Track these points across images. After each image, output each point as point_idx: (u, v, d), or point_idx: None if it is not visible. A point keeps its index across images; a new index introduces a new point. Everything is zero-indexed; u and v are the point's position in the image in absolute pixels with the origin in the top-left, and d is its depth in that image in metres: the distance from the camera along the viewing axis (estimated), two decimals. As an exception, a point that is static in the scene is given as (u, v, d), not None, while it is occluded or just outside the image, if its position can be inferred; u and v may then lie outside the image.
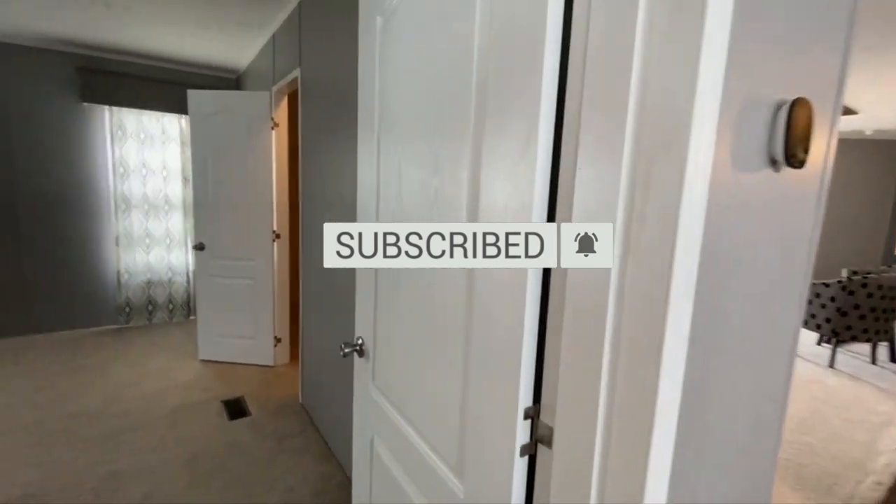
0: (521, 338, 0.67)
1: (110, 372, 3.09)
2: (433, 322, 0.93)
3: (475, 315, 0.78)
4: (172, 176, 4.08)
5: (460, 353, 0.82)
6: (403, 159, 1.03)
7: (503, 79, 0.70)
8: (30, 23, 3.04)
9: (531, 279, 0.66)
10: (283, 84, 2.85)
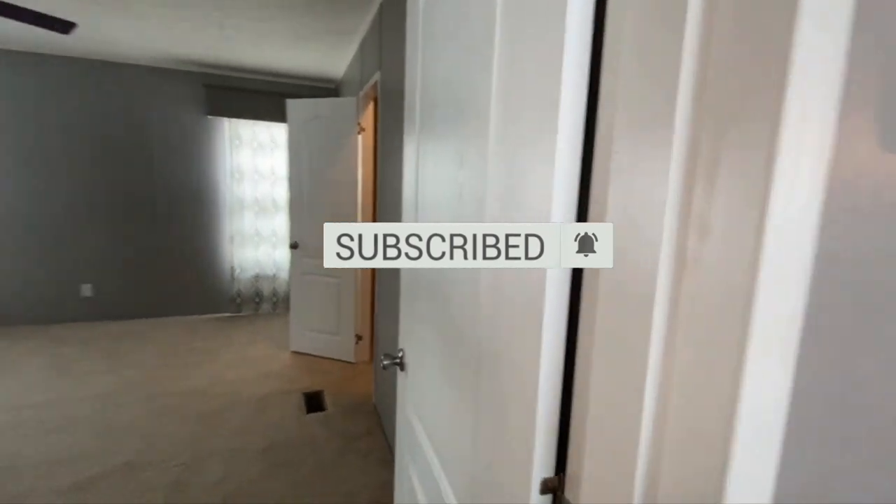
0: (536, 383, 0.50)
1: (218, 356, 3.45)
2: (452, 346, 0.79)
3: (485, 343, 0.63)
4: (279, 180, 4.46)
5: (470, 392, 0.67)
6: (434, 154, 0.91)
7: (522, 36, 0.53)
8: (165, 48, 3.53)
9: (553, 300, 0.49)
10: (367, 88, 2.92)
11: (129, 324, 4.10)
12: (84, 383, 2.90)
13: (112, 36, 3.24)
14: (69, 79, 3.81)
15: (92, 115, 3.91)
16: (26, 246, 3.89)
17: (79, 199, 3.97)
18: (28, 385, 2.85)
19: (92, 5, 2.65)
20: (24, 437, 2.27)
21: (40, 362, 3.18)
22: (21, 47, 3.61)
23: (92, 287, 4.10)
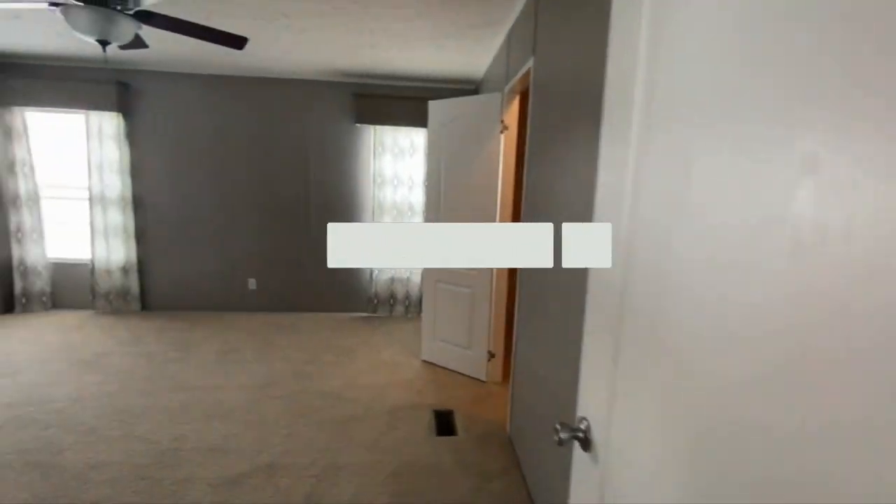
0: None
1: (354, 357, 3.51)
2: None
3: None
4: (416, 185, 4.46)
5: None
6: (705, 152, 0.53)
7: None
8: (321, 61, 3.72)
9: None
10: (515, 81, 2.62)
11: (283, 316, 4.48)
12: (243, 371, 3.15)
13: (276, 53, 3.52)
14: (241, 96, 4.31)
15: (259, 128, 4.36)
16: (206, 244, 4.50)
17: (247, 204, 4.46)
18: (202, 367, 3.20)
19: (260, 21, 2.85)
20: (191, 420, 2.49)
21: (213, 347, 3.59)
22: (204, 71, 4.18)
23: (256, 281, 4.58)
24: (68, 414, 2.51)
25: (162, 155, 4.36)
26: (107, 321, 4.17)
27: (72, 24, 1.99)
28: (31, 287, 4.35)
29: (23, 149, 4.18)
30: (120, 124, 4.20)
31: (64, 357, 3.30)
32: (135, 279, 4.45)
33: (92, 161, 4.22)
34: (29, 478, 1.97)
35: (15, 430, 2.33)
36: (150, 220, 4.44)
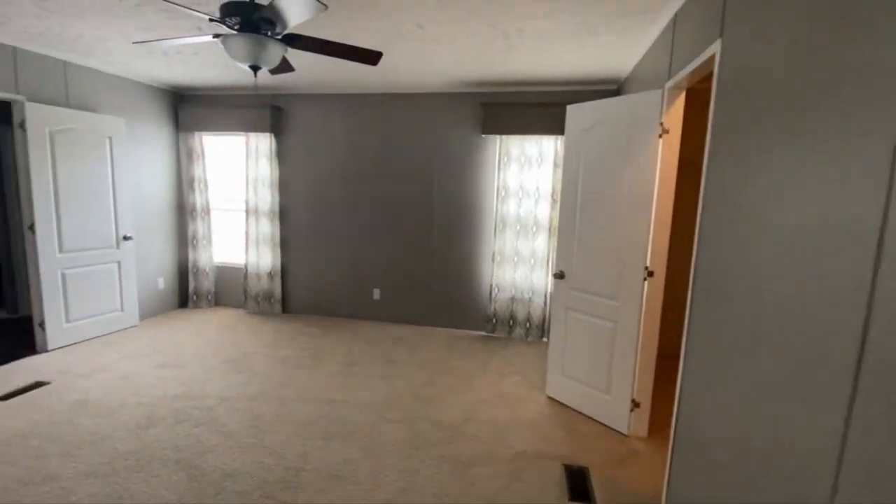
0: None
1: (473, 383, 3.28)
2: None
3: None
4: (542, 197, 4.10)
5: None
6: None
7: None
8: (450, 71, 3.60)
9: None
10: (684, 75, 2.12)
11: (403, 328, 4.48)
12: (364, 386, 3.14)
13: (406, 67, 3.49)
14: (371, 113, 4.43)
15: (387, 143, 4.44)
16: (339, 253, 4.72)
17: (375, 215, 4.57)
18: (328, 378, 3.27)
19: (394, 34, 2.80)
20: (314, 437, 2.49)
21: (338, 358, 3.68)
22: (340, 91, 4.38)
23: (380, 291, 4.67)
24: (215, 413, 2.71)
25: (303, 170, 4.70)
26: (254, 321, 4.61)
27: (229, 52, 2.10)
28: (201, 286, 5.04)
29: (200, 167, 4.87)
30: (272, 144, 4.64)
31: (219, 354, 3.67)
32: (278, 284, 4.86)
33: (249, 177, 4.72)
34: (177, 478, 2.11)
35: (174, 425, 2.57)
36: (292, 231, 4.82)
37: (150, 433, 2.47)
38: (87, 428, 2.50)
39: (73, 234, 3.72)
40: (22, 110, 3.30)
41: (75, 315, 3.78)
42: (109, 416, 2.65)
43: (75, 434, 2.44)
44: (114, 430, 2.49)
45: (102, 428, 2.51)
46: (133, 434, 2.46)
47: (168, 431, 2.49)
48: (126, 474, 2.12)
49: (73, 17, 2.67)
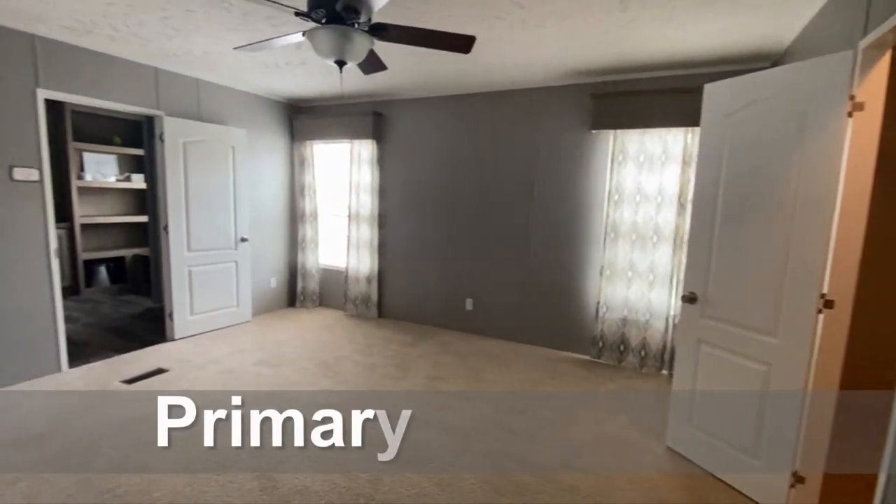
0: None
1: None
2: None
3: None
4: (667, 202, 3.45)
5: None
6: None
7: None
8: (555, 59, 3.19)
9: None
10: (888, 29, 1.48)
11: (496, 344, 4.14)
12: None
13: (504, 59, 3.17)
14: (467, 114, 4.19)
15: (483, 146, 4.16)
16: (433, 260, 4.57)
17: (470, 222, 4.32)
18: (412, 393, 3.08)
19: (493, 19, 2.51)
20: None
21: (425, 371, 3.48)
22: (436, 94, 4.21)
23: (473, 302, 4.40)
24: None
25: (400, 176, 4.66)
26: (351, 323, 4.67)
27: (315, 47, 2.01)
28: (308, 287, 5.29)
29: (309, 174, 5.12)
30: (373, 150, 4.68)
31: (314, 356, 3.72)
32: (375, 288, 4.88)
33: (352, 183, 4.83)
34: (249, 487, 2.05)
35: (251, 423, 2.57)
36: (390, 236, 4.80)
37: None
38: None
39: (199, 234, 4.10)
40: (161, 124, 3.73)
41: (198, 308, 4.16)
42: (206, 410, 2.76)
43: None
44: (206, 426, 2.58)
45: (197, 423, 2.61)
46: (221, 433, 2.50)
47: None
48: (208, 475, 2.13)
49: (193, 34, 2.88)
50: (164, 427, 2.57)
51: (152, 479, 2.09)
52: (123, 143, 5.67)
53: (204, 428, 2.58)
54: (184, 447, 2.36)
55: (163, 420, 2.64)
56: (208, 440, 2.41)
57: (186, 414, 2.72)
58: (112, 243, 5.95)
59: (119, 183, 5.67)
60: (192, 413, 2.74)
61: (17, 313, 3.00)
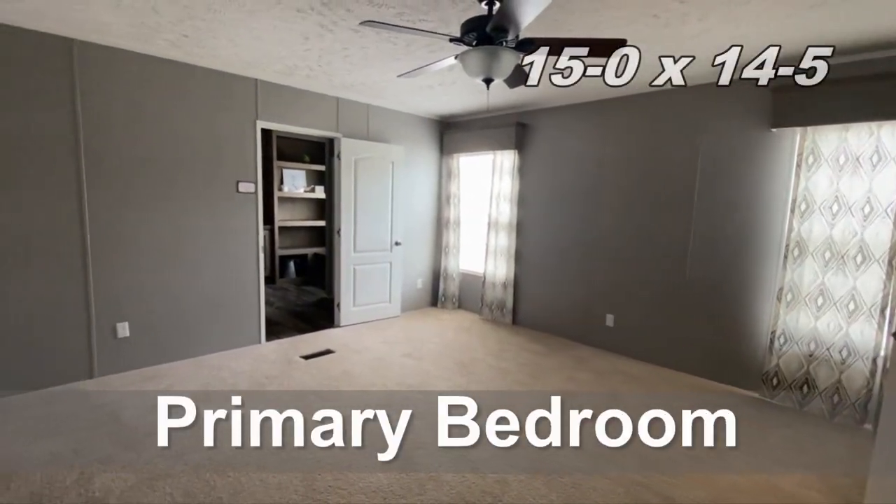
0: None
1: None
2: None
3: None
4: (879, 213, 2.76)
5: None
6: None
7: None
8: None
9: None
10: None
11: (637, 365, 3.83)
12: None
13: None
14: (616, 120, 3.95)
15: (633, 153, 3.88)
16: (572, 271, 4.43)
17: (614, 232, 4.08)
18: (541, 407, 3.05)
19: (649, 18, 2.37)
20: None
21: (556, 385, 3.41)
22: (581, 99, 4.07)
23: (614, 318, 4.14)
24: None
25: (541, 185, 4.65)
26: (486, 327, 4.83)
27: (466, 69, 2.18)
28: (448, 290, 5.64)
29: (455, 185, 5.48)
30: (515, 160, 4.78)
31: (452, 354, 3.97)
32: (510, 295, 4.96)
33: (493, 192, 5.00)
34: (391, 464, 2.30)
35: (402, 412, 2.86)
36: (527, 244, 4.83)
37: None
38: (346, 395, 3.07)
39: (363, 237, 4.73)
40: (339, 144, 4.43)
41: (359, 301, 4.79)
42: (362, 389, 3.18)
43: (337, 398, 3.02)
44: (361, 403, 2.97)
45: (355, 399, 3.02)
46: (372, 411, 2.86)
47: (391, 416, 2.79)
48: (352, 450, 2.45)
49: (367, 67, 3.37)
50: (332, 397, 3.02)
51: (309, 446, 2.50)
52: (311, 161, 6.87)
53: (358, 404, 2.96)
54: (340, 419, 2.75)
55: (331, 391, 3.12)
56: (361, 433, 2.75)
57: (347, 388, 3.16)
58: (299, 243, 7.23)
59: (306, 193, 6.89)
60: (351, 388, 3.17)
61: (237, 294, 3.89)
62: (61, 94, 2.91)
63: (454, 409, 2.96)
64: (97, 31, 2.80)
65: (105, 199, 3.13)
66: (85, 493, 2.00)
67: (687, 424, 2.81)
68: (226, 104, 3.64)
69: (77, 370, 3.14)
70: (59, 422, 2.59)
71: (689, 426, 2.79)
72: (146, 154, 3.27)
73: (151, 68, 3.23)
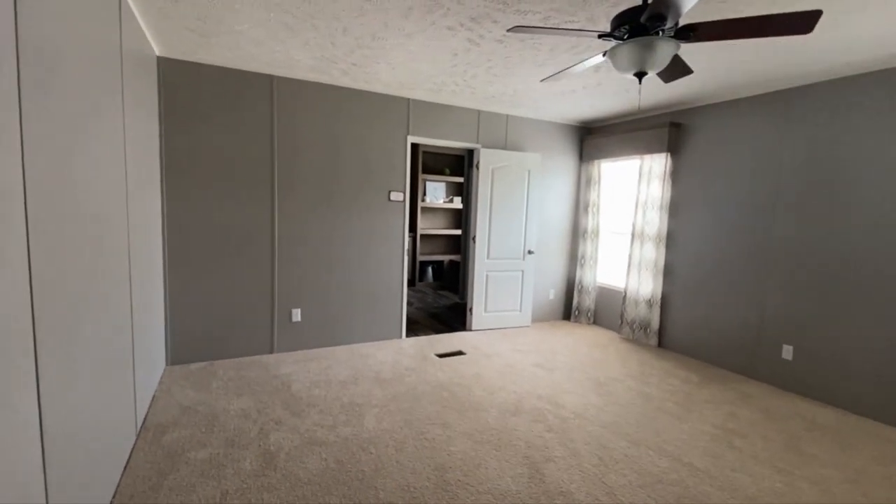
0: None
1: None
2: None
3: None
4: None
5: None
6: None
7: None
8: None
9: None
10: None
11: (825, 412, 3.09)
12: (743, 469, 2.33)
13: (868, 33, 2.35)
14: (793, 115, 3.27)
15: (818, 151, 3.17)
16: (735, 291, 3.81)
17: (795, 250, 3.39)
18: (694, 436, 2.67)
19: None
20: (658, 501, 2.05)
21: (714, 417, 2.95)
22: (749, 92, 3.46)
23: (793, 350, 3.43)
24: (568, 426, 2.75)
25: (698, 191, 4.13)
26: (625, 347, 4.44)
27: (615, 64, 2.07)
28: (583, 303, 5.36)
29: (594, 193, 5.20)
30: (666, 163, 4.34)
31: (585, 370, 3.75)
32: (656, 314, 4.49)
33: (639, 200, 4.61)
34: (521, 471, 2.26)
35: (531, 422, 2.79)
36: (679, 258, 4.32)
37: (513, 421, 2.78)
38: (476, 397, 3.12)
39: (497, 245, 4.80)
40: (478, 154, 4.59)
41: (490, 307, 4.86)
42: (492, 393, 3.20)
43: (468, 398, 3.09)
44: (491, 406, 2.99)
45: (485, 401, 3.06)
46: (501, 416, 2.85)
47: (526, 426, 2.73)
48: (487, 448, 2.47)
49: (509, 77, 3.44)
50: (464, 396, 3.11)
51: (450, 435, 2.59)
52: (451, 173, 7.26)
53: (489, 406, 2.99)
54: (473, 418, 2.81)
55: (463, 391, 3.21)
56: (490, 418, 2.79)
57: (479, 390, 3.22)
58: (437, 250, 7.67)
59: (445, 204, 7.28)
60: (482, 391, 3.22)
61: (384, 292, 4.30)
62: (264, 122, 3.61)
63: (585, 422, 2.79)
64: (289, 66, 3.41)
65: (287, 206, 3.77)
66: (263, 445, 2.40)
67: (889, 497, 2.19)
68: (382, 122, 4.08)
69: (261, 345, 3.81)
70: (247, 385, 3.18)
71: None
72: (316, 167, 3.85)
73: (324, 95, 3.81)
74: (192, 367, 3.46)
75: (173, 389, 3.04)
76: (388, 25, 2.56)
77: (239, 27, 2.67)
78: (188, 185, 3.41)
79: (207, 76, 3.39)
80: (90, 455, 1.66)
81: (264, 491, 2.03)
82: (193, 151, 3.40)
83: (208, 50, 3.09)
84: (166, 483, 2.05)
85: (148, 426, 2.54)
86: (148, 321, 2.78)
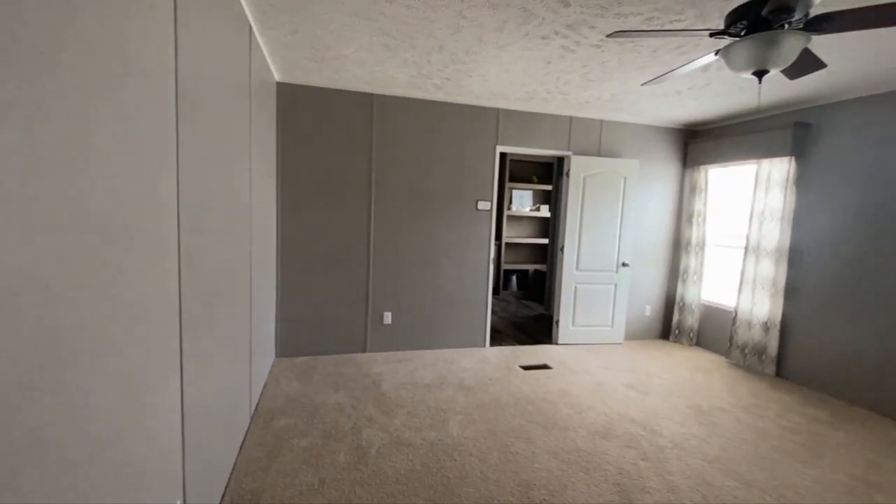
0: None
1: None
2: None
3: None
4: None
5: None
6: None
7: None
8: None
9: None
10: None
11: None
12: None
13: None
14: None
15: None
16: (882, 319, 3.21)
17: None
18: (822, 485, 2.29)
19: None
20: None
21: (848, 466, 2.51)
22: (870, 91, 2.90)
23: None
24: (665, 456, 2.54)
25: (831, 200, 3.57)
26: (734, 374, 3.98)
27: (731, 63, 1.89)
28: (684, 322, 4.91)
29: (700, 201, 4.76)
30: (790, 169, 3.83)
31: (686, 396, 3.43)
32: (775, 339, 3.96)
33: (755, 209, 4.13)
34: (609, 499, 2.13)
35: (623, 447, 2.62)
36: (805, 276, 3.77)
37: (603, 444, 2.64)
38: (563, 414, 3.01)
39: (587, 256, 4.61)
40: (569, 162, 4.46)
41: (578, 321, 4.67)
42: (579, 412, 3.06)
43: (554, 415, 2.99)
44: (579, 425, 2.86)
45: (572, 420, 2.94)
46: (590, 437, 2.71)
47: (618, 451, 2.57)
48: (574, 469, 2.36)
49: (606, 81, 3.30)
50: (549, 412, 3.02)
51: (534, 451, 2.53)
52: (538, 181, 7.14)
53: (577, 426, 2.87)
54: (558, 436, 2.72)
55: (549, 406, 3.13)
56: (579, 439, 2.67)
57: (566, 407, 3.11)
58: (522, 259, 7.57)
59: (531, 212, 7.17)
60: (569, 408, 3.11)
61: (470, 300, 4.35)
62: (364, 137, 3.89)
63: (684, 453, 2.55)
64: (387, 84, 3.62)
65: (381, 216, 4.00)
66: (356, 440, 2.56)
67: None
68: (471, 132, 4.16)
69: (356, 344, 4.07)
70: (343, 381, 3.41)
71: None
72: (408, 178, 4.03)
73: (418, 109, 3.98)
74: (297, 361, 3.80)
75: (281, 380, 3.37)
76: (483, 40, 2.61)
77: (346, 51, 2.91)
78: (298, 196, 3.78)
79: (316, 97, 3.73)
80: (215, 432, 1.91)
81: (357, 485, 2.15)
82: (302, 166, 3.76)
83: (318, 73, 3.41)
84: (273, 466, 2.27)
85: (260, 412, 2.85)
86: (263, 317, 3.12)
